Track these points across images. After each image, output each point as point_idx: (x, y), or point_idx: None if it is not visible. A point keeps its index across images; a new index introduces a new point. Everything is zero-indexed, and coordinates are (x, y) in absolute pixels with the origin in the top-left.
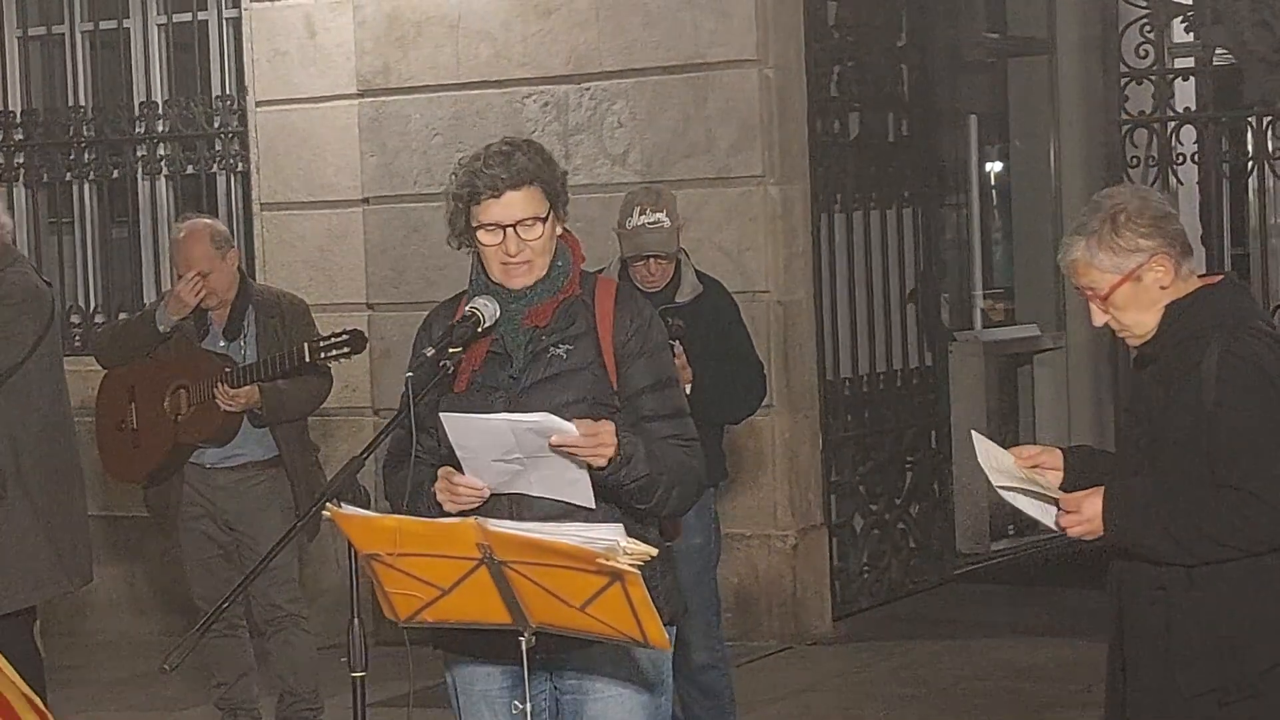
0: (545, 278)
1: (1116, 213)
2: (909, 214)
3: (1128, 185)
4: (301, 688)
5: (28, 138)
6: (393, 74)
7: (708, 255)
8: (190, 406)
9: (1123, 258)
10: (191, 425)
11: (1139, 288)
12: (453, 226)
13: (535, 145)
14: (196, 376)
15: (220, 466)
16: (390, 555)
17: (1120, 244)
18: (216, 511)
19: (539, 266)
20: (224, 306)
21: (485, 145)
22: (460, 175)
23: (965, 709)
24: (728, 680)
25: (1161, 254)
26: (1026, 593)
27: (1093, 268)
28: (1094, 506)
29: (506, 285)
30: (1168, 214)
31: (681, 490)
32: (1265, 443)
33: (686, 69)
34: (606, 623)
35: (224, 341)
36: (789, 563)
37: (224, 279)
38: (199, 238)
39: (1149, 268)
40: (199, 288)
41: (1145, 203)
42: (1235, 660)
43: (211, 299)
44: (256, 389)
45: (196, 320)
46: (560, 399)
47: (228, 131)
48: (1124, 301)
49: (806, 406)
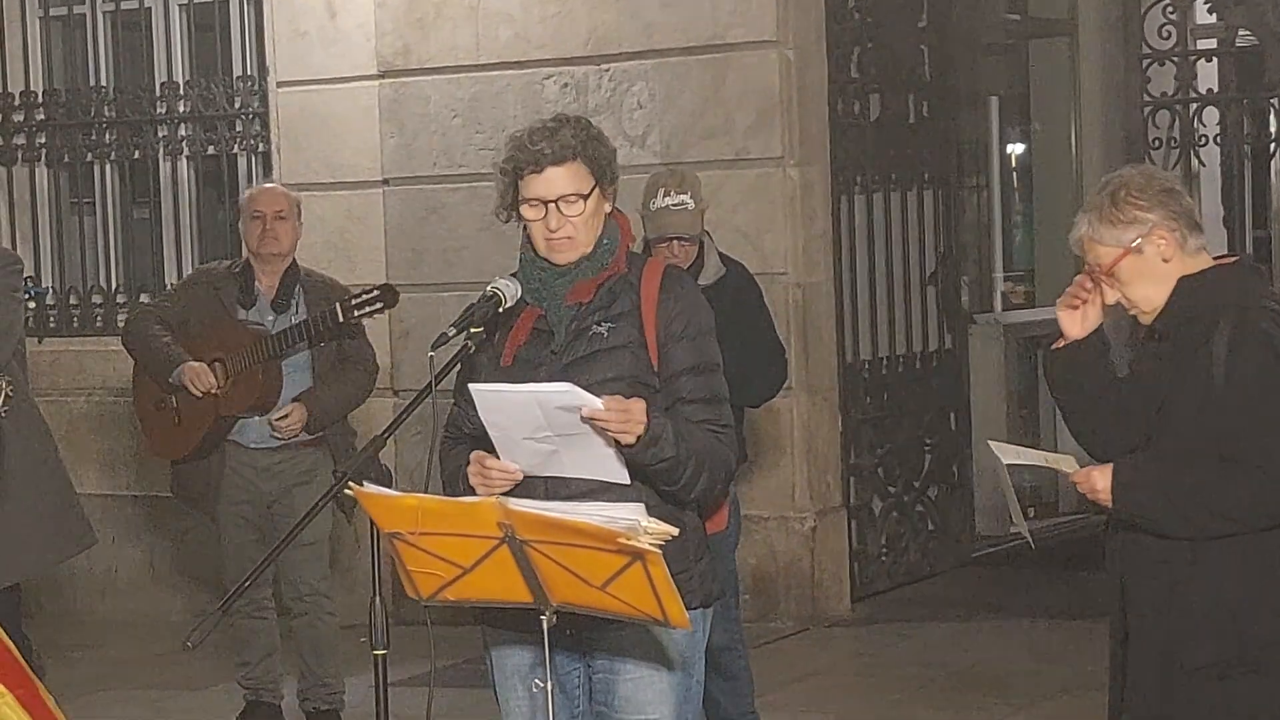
0: (590, 254)
1: (1118, 188)
2: (929, 196)
3: (1135, 165)
4: (324, 671)
5: (49, 118)
6: (412, 55)
7: (726, 237)
8: (229, 378)
9: (1122, 230)
10: (231, 397)
11: (1141, 260)
12: (501, 200)
13: (583, 121)
14: (232, 348)
15: (262, 447)
16: (412, 534)
17: (1120, 217)
18: (258, 495)
19: (583, 243)
20: (274, 277)
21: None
22: (507, 149)
23: (983, 691)
24: (745, 662)
25: (1162, 226)
26: (1045, 575)
27: (1096, 242)
28: (1103, 480)
29: (551, 260)
30: (1172, 190)
31: (710, 475)
32: (1274, 420)
33: (706, 50)
34: (627, 602)
35: (272, 314)
36: (807, 545)
37: (289, 233)
38: (275, 191)
39: (1150, 240)
40: (210, 386)
41: (1149, 179)
42: (1236, 635)
43: (274, 245)
44: (304, 410)
45: (243, 290)
46: (599, 376)
47: (248, 112)
48: (1128, 275)
49: (825, 389)
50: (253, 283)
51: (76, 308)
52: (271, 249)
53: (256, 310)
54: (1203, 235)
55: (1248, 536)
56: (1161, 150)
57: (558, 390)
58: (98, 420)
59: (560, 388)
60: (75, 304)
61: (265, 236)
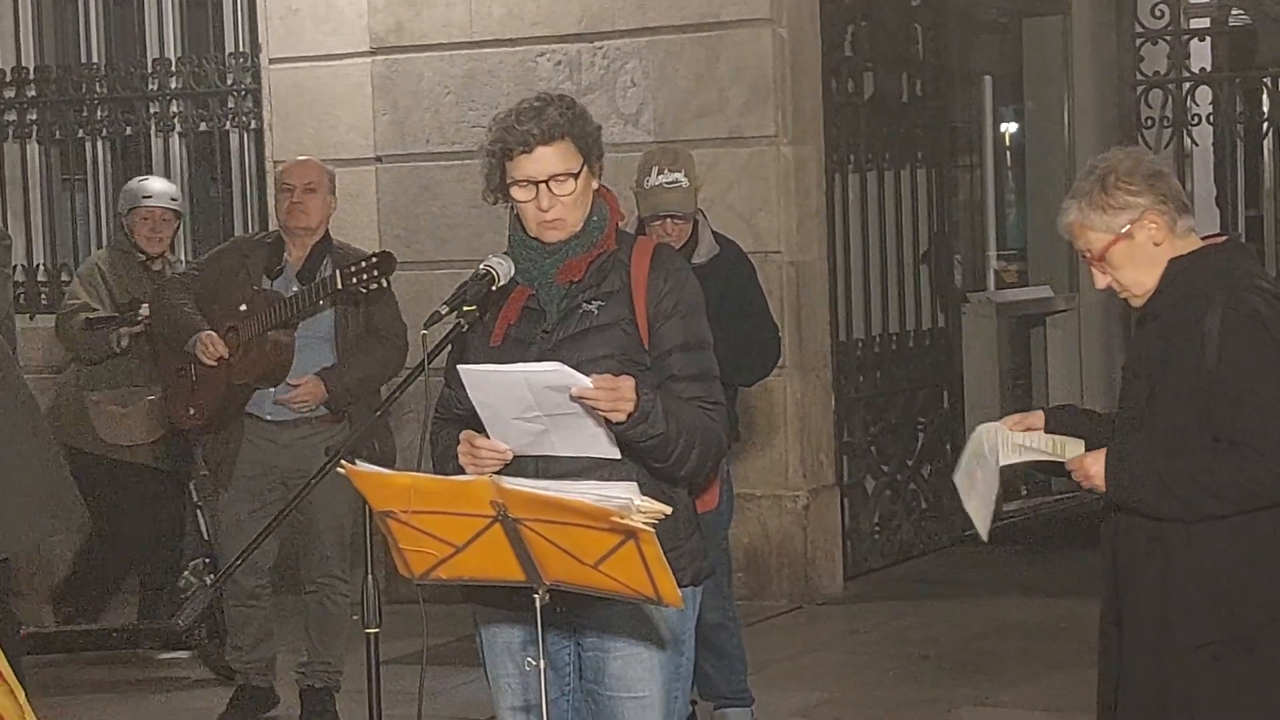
0: (580, 233)
1: (1106, 173)
2: (922, 175)
3: (1122, 147)
4: (328, 651)
5: (41, 94)
6: (405, 32)
7: (720, 215)
8: (239, 346)
9: (1113, 216)
10: (242, 366)
11: (1132, 246)
12: (488, 182)
13: (568, 100)
14: (245, 316)
15: (278, 420)
16: (405, 512)
17: (1110, 203)
18: (273, 469)
19: (573, 222)
20: (304, 249)
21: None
22: (494, 131)
23: (976, 669)
24: (738, 640)
25: (1153, 211)
26: (1038, 553)
27: (1086, 229)
28: (1096, 465)
29: (541, 240)
30: (1159, 173)
31: (700, 452)
32: (1267, 399)
33: (699, 28)
34: (620, 580)
35: (297, 285)
36: (800, 523)
37: (319, 206)
38: (307, 164)
39: (1141, 225)
40: (220, 354)
41: (1137, 162)
42: (1231, 614)
43: (301, 218)
44: (320, 384)
45: (271, 260)
46: (590, 354)
47: (241, 89)
48: (1120, 260)
49: (819, 367)
50: (282, 254)
51: (68, 285)
52: (299, 222)
53: (283, 280)
54: (1192, 216)
55: (1241, 516)
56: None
57: (546, 370)
58: None
59: (549, 367)
60: (67, 281)
61: (293, 209)
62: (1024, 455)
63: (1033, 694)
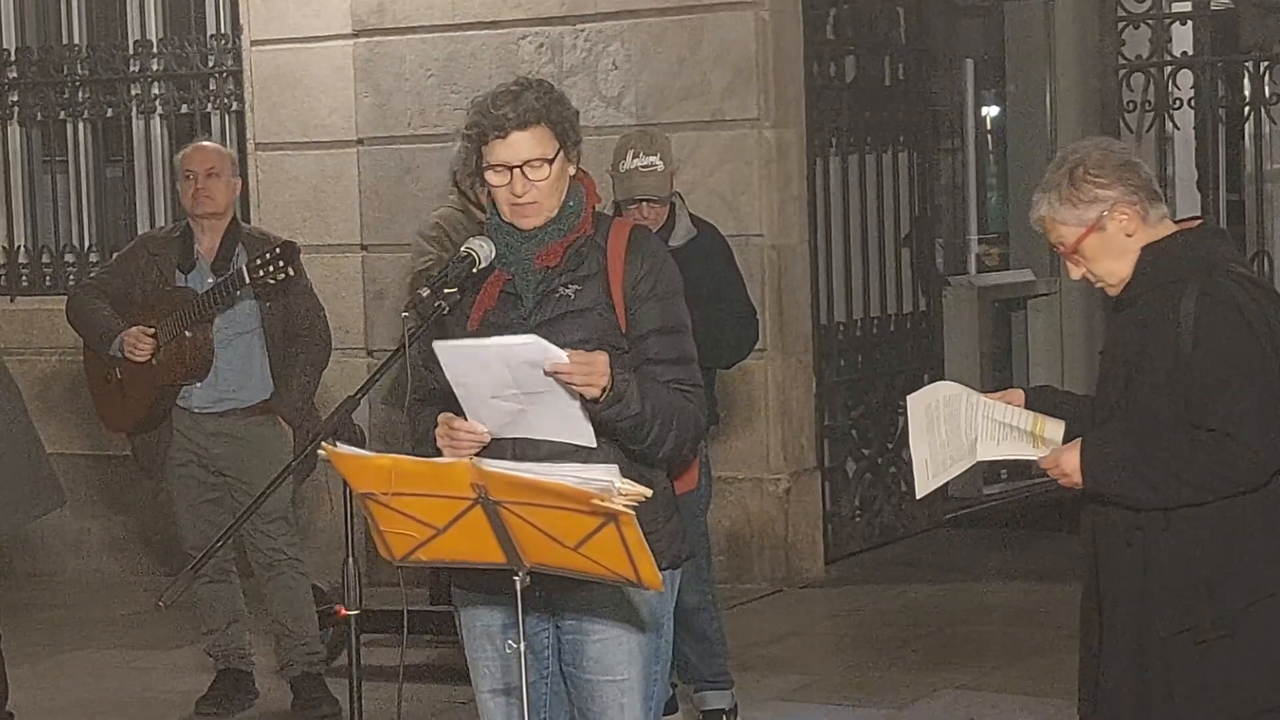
0: (556, 218)
1: (1075, 166)
2: (904, 158)
3: (1092, 138)
4: (301, 630)
5: (21, 76)
6: (387, 14)
7: (702, 198)
8: (160, 347)
9: (1083, 209)
10: (165, 366)
11: (1104, 237)
12: (465, 167)
13: (545, 85)
14: (161, 316)
15: (208, 411)
16: (385, 495)
17: (1080, 196)
18: (207, 458)
19: (548, 207)
20: (214, 237)
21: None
22: (470, 115)
23: (956, 652)
24: (718, 623)
25: (1123, 203)
26: (1018, 537)
27: (1058, 222)
28: (1071, 461)
29: (516, 225)
30: (1129, 163)
31: (678, 434)
32: (1242, 385)
33: (682, 11)
34: (600, 563)
35: (212, 277)
36: (781, 506)
37: (224, 190)
38: (206, 149)
39: (1111, 217)
40: (147, 350)
41: (1106, 154)
42: (1211, 600)
43: (208, 204)
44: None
45: (183, 254)
46: (567, 339)
47: (222, 71)
48: (1093, 252)
49: (800, 350)
50: (192, 246)
51: (49, 266)
52: (206, 208)
53: (196, 274)
54: (1164, 204)
55: (1220, 502)
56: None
57: (522, 343)
58: (70, 379)
59: (524, 340)
60: (48, 262)
61: (198, 196)
62: (1002, 449)
63: (1014, 677)
